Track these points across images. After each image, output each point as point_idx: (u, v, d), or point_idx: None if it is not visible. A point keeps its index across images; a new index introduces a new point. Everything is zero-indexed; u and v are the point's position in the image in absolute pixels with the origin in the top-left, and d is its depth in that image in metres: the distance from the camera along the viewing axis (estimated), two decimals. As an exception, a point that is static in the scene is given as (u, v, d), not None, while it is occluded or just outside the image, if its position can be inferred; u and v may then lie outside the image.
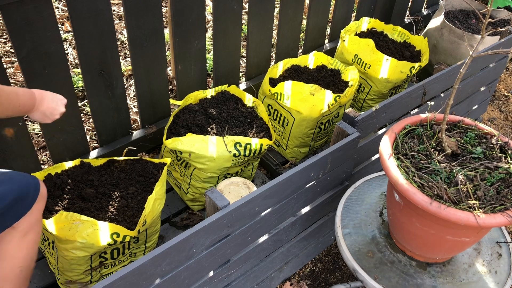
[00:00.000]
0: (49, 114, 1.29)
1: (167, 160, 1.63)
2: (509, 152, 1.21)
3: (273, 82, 2.06)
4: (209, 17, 2.94)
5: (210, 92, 1.92)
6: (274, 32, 2.59)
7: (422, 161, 1.16)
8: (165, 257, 1.13)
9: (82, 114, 2.32)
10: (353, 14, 2.91)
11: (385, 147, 1.20)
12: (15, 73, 2.50)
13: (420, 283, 1.26)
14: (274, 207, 1.40)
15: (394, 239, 1.35)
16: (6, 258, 1.16)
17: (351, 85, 2.02)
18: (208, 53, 2.70)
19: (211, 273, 1.35)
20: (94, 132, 2.24)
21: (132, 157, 1.68)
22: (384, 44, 2.39)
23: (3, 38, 2.72)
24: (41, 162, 2.06)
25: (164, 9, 2.31)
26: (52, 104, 1.28)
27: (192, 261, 1.23)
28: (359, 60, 2.21)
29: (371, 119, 1.62)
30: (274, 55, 2.64)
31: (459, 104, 2.19)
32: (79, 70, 2.48)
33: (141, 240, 1.55)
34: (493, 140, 1.24)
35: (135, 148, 1.97)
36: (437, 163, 1.15)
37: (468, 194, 1.08)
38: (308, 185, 1.48)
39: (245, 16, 3.00)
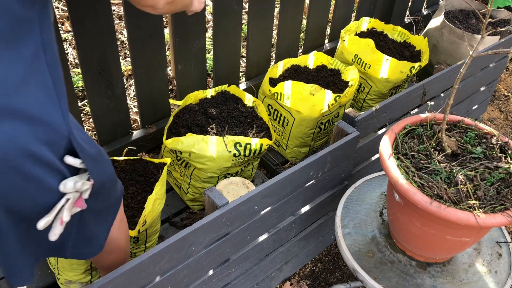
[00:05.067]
0: None
1: (167, 160, 1.63)
2: (509, 152, 1.21)
3: (273, 82, 2.06)
4: (209, 17, 2.94)
5: (210, 92, 1.92)
6: (274, 32, 2.59)
7: (422, 161, 1.16)
8: (164, 255, 1.13)
9: (82, 114, 2.32)
10: (353, 14, 2.91)
11: (385, 147, 1.20)
12: (15, 73, 2.50)
13: (420, 283, 1.26)
14: (273, 206, 1.40)
15: (394, 239, 1.34)
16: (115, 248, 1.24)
17: (351, 85, 2.02)
18: (208, 53, 2.70)
19: (211, 272, 1.35)
20: (94, 132, 2.24)
21: (132, 157, 1.68)
22: (384, 44, 2.39)
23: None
24: (41, 162, 2.06)
25: (164, 9, 2.30)
26: None
27: (191, 260, 1.23)
28: (359, 60, 2.21)
29: (371, 119, 1.62)
30: (274, 55, 2.64)
31: (459, 104, 2.19)
32: (79, 70, 2.48)
33: (141, 240, 1.55)
34: (493, 140, 1.24)
35: (135, 148, 1.97)
36: (437, 163, 1.15)
37: (468, 194, 1.08)
38: (307, 184, 1.48)
39: (245, 16, 3.00)
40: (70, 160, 0.86)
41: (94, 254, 1.08)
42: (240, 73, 2.50)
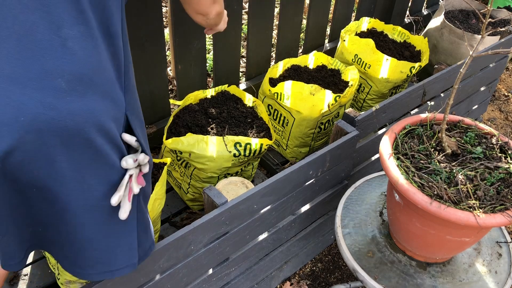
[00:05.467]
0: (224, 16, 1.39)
1: (167, 160, 1.63)
2: (509, 152, 1.21)
3: (273, 82, 2.06)
4: (209, 17, 2.94)
5: (210, 92, 1.92)
6: (274, 32, 2.59)
7: (422, 161, 1.16)
8: (163, 253, 1.13)
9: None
10: (353, 14, 2.91)
11: (385, 147, 1.20)
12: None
13: (420, 283, 1.26)
14: (272, 205, 1.40)
15: (394, 239, 1.34)
16: None
17: (351, 85, 2.02)
18: (208, 53, 2.70)
19: (210, 271, 1.35)
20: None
21: (132, 157, 1.68)
22: (384, 44, 2.39)
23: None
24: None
25: (164, 9, 2.31)
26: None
27: (191, 259, 1.23)
28: (359, 60, 2.21)
29: (371, 119, 1.62)
30: (274, 55, 2.64)
31: (459, 104, 2.19)
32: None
33: (141, 240, 1.55)
34: (493, 140, 1.24)
35: (135, 148, 1.97)
36: (437, 163, 1.15)
37: (468, 194, 1.08)
38: (307, 183, 1.48)
39: (245, 16, 3.00)
40: (127, 137, 0.88)
41: (152, 250, 1.04)
42: (240, 73, 2.50)
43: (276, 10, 2.71)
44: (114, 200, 0.86)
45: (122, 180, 0.87)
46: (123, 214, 0.88)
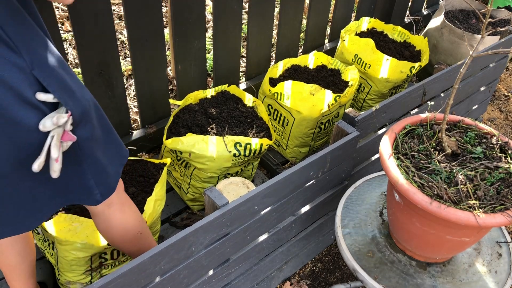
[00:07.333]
0: None
1: (167, 161, 1.63)
2: (509, 152, 1.21)
3: (273, 82, 2.06)
4: (209, 17, 2.94)
5: (210, 92, 1.92)
6: (274, 32, 2.59)
7: (422, 161, 1.16)
8: (164, 255, 1.13)
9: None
10: (353, 14, 2.91)
11: (385, 147, 1.20)
12: (15, 73, 2.49)
13: (420, 283, 1.26)
14: (273, 206, 1.40)
15: (394, 239, 1.35)
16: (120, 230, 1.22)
17: (351, 85, 2.02)
18: (208, 53, 2.70)
19: (211, 272, 1.35)
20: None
21: (132, 157, 1.68)
22: (384, 44, 2.39)
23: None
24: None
25: (164, 9, 2.31)
26: None
27: (191, 260, 1.23)
28: (359, 60, 2.21)
29: (371, 119, 1.62)
30: (274, 55, 2.64)
31: (459, 104, 2.19)
32: (79, 70, 2.48)
33: (141, 240, 1.55)
34: (493, 140, 1.24)
35: (135, 148, 1.97)
36: (437, 163, 1.15)
37: (468, 194, 1.08)
38: (307, 184, 1.48)
39: (245, 16, 3.00)
40: (42, 96, 0.85)
41: (116, 182, 1.09)
42: (240, 73, 2.50)
43: (276, 10, 2.71)
44: (34, 168, 0.86)
45: (45, 143, 0.86)
46: (53, 173, 0.89)
